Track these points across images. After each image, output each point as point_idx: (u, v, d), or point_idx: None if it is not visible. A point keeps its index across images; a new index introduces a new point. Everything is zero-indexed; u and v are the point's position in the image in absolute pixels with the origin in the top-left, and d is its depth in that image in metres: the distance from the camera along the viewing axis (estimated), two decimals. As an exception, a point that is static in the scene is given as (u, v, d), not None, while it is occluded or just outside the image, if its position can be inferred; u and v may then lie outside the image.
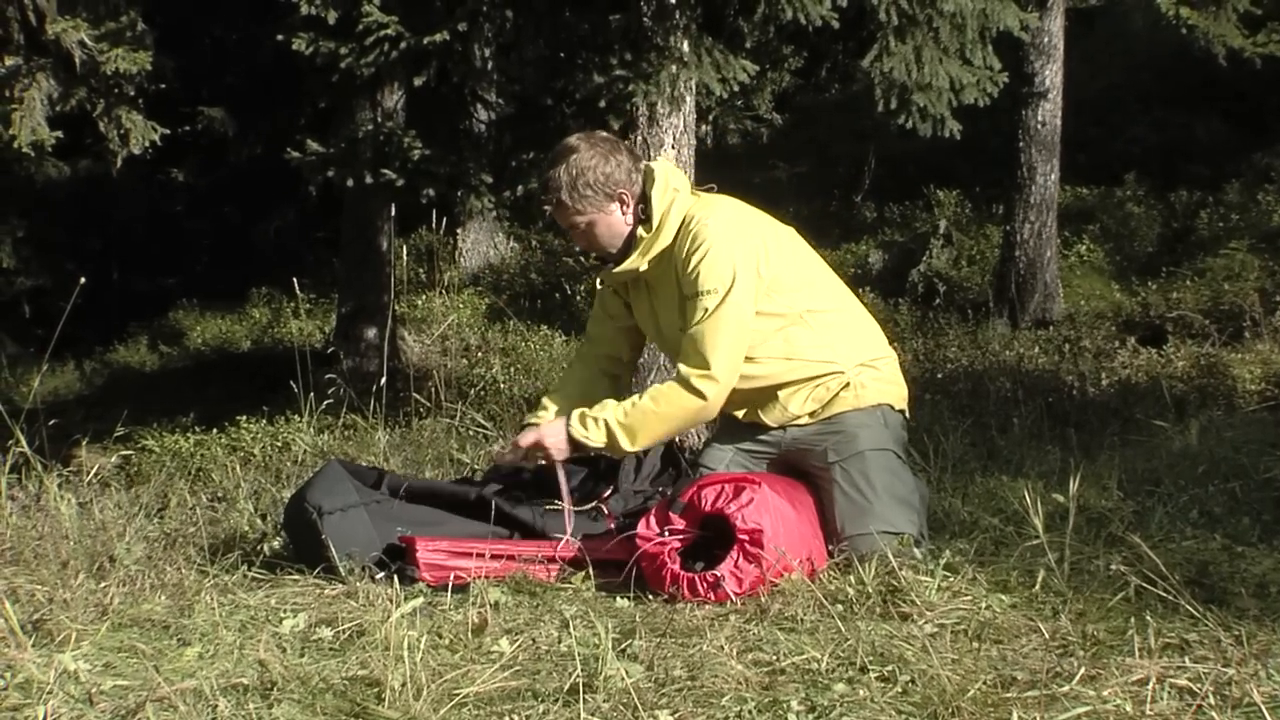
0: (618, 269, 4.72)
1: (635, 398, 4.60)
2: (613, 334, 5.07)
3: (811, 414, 4.67)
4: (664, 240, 4.61)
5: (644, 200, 4.65)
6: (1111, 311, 14.13)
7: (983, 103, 9.40)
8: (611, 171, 4.58)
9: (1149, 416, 7.20)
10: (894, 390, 4.81)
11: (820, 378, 4.64)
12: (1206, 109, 18.46)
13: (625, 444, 4.57)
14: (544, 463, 4.68)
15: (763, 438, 4.75)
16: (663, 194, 4.63)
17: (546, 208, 4.65)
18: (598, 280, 5.05)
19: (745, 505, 4.16)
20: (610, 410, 4.58)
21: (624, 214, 4.65)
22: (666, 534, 4.23)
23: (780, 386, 4.65)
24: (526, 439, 4.69)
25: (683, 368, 4.52)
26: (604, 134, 4.83)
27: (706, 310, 4.48)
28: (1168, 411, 7.23)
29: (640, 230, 4.65)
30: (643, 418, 4.54)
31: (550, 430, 4.66)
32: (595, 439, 4.57)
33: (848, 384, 4.65)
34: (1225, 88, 17.52)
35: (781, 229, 4.79)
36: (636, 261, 4.67)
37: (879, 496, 4.53)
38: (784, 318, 4.60)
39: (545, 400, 5.02)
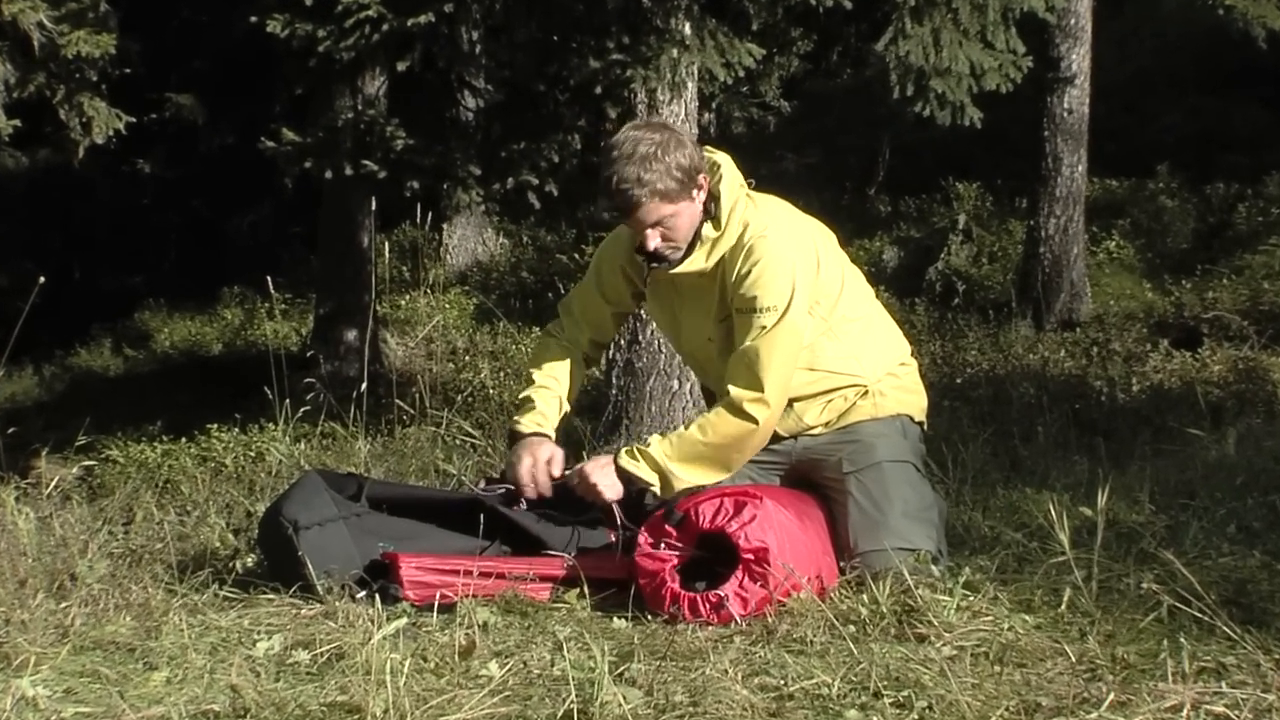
0: (678, 269, 4.58)
1: (681, 429, 4.55)
2: (604, 319, 5.00)
3: (826, 424, 4.67)
4: (728, 241, 4.51)
5: (710, 196, 4.55)
6: (1143, 312, 14.15)
7: (1005, 89, 9.42)
8: (693, 154, 4.46)
9: (1183, 424, 7.21)
10: (914, 400, 4.81)
11: (840, 389, 4.64)
12: (1245, 95, 18.46)
13: (677, 478, 4.47)
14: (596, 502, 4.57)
15: (773, 447, 4.72)
16: (731, 190, 4.54)
17: (640, 203, 4.39)
18: (602, 260, 4.96)
19: (748, 522, 4.14)
20: (657, 446, 4.49)
21: (700, 204, 4.53)
22: (662, 546, 4.22)
23: (798, 399, 4.64)
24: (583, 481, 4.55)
25: (733, 390, 4.44)
26: (658, 120, 4.75)
27: (763, 329, 4.42)
28: (1203, 419, 7.23)
29: (706, 228, 4.54)
30: (692, 449, 4.47)
31: (598, 469, 4.54)
32: (646, 475, 4.47)
33: (866, 392, 4.65)
34: (1265, 72, 17.52)
35: (823, 232, 4.75)
36: (700, 262, 4.55)
37: (895, 510, 4.52)
38: (816, 328, 4.59)
39: (532, 397, 4.85)
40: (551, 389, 4.89)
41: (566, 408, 4.93)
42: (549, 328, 5.14)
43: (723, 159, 4.63)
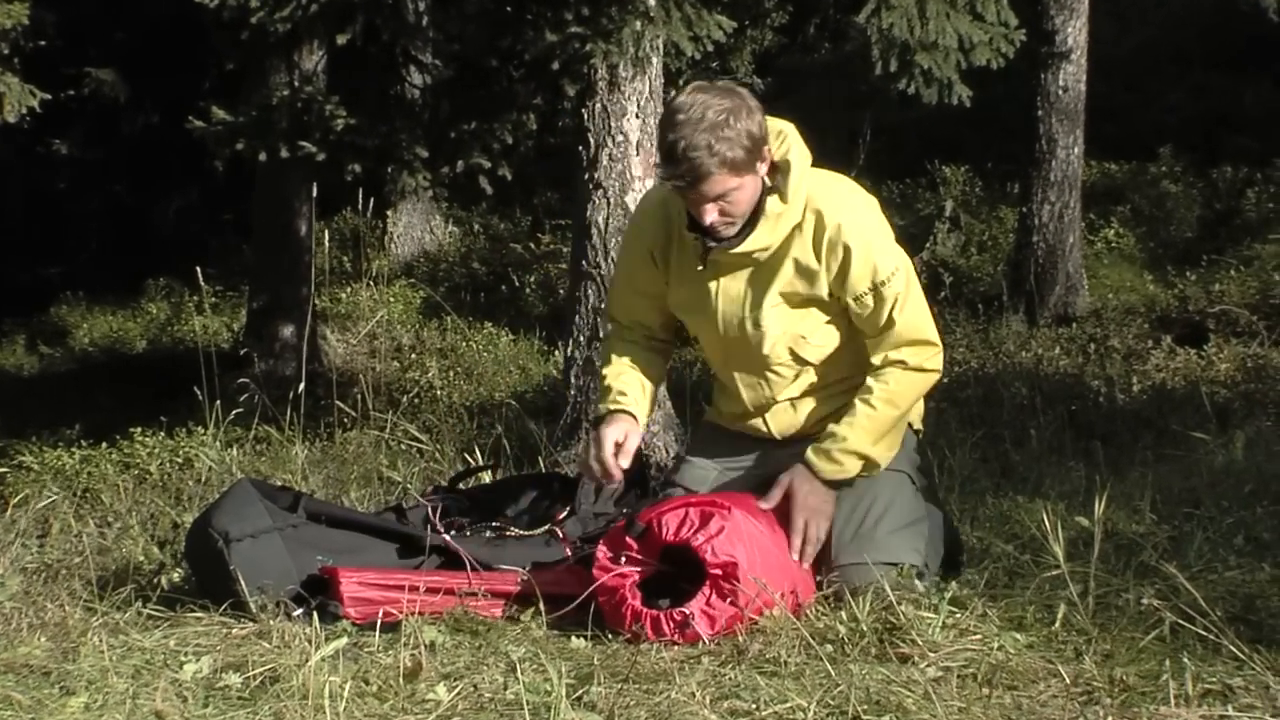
0: (741, 248, 4.55)
1: (863, 409, 4.50)
2: (650, 314, 4.92)
3: (821, 421, 4.66)
4: (794, 216, 4.51)
5: (772, 167, 4.53)
6: (1144, 306, 14.15)
7: (996, 64, 9.44)
8: (761, 123, 4.45)
9: (1187, 427, 7.23)
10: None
11: (843, 391, 4.64)
12: (1255, 72, 18.52)
13: (881, 458, 4.54)
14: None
15: (757, 452, 4.73)
16: (800, 161, 4.55)
17: (708, 173, 4.33)
18: (629, 254, 4.95)
19: (715, 535, 4.13)
20: (845, 434, 4.49)
21: (761, 177, 4.51)
22: (623, 560, 4.22)
23: (798, 397, 4.66)
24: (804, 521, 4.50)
25: (909, 358, 4.52)
26: (725, 82, 4.73)
27: (899, 296, 4.49)
28: (1208, 422, 7.26)
29: (772, 202, 4.52)
30: (884, 425, 4.52)
31: (811, 493, 4.50)
32: (851, 470, 4.50)
33: (865, 394, 4.65)
34: (1276, 48, 17.57)
35: None
36: (765, 239, 4.53)
37: (883, 524, 4.52)
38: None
39: (606, 375, 4.86)
40: (626, 371, 4.85)
41: (651, 386, 4.87)
42: (606, 337, 5.15)
43: (787, 127, 4.62)
